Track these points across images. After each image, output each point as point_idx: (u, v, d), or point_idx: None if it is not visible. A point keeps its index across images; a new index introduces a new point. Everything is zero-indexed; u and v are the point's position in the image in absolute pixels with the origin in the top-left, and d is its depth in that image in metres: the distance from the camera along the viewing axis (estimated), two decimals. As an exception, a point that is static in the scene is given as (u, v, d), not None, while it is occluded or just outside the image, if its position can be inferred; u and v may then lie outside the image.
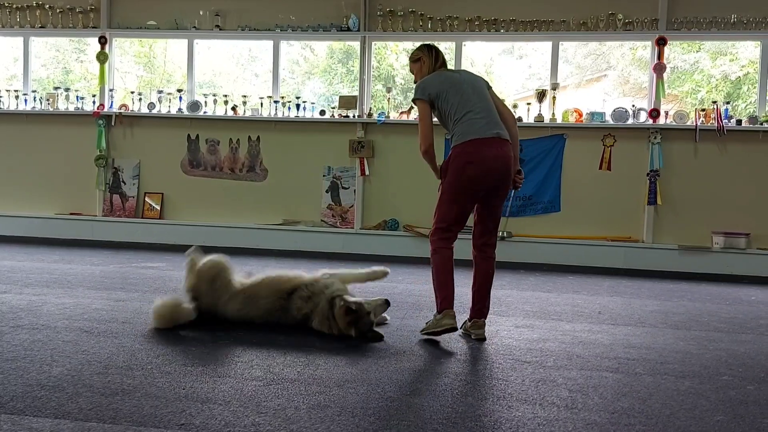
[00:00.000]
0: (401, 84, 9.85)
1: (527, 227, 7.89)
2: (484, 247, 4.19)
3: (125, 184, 8.70)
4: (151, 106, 8.64)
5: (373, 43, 8.41)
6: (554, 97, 7.90)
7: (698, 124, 7.61)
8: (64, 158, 8.77)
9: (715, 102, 7.78)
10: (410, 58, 4.48)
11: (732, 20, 7.55)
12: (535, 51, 9.09)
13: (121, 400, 2.74)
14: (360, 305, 3.93)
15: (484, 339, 4.07)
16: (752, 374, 3.47)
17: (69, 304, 4.65)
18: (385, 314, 4.32)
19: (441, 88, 4.15)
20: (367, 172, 8.19)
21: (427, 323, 4.15)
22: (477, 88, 4.21)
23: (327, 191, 8.34)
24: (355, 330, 3.91)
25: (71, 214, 8.69)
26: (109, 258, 7.21)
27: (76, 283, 5.56)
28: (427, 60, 4.35)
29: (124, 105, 8.73)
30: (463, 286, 4.22)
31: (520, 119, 7.89)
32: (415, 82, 4.41)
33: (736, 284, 7.00)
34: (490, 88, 4.31)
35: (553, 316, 4.85)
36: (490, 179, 4.01)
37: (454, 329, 3.98)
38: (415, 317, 4.61)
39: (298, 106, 8.36)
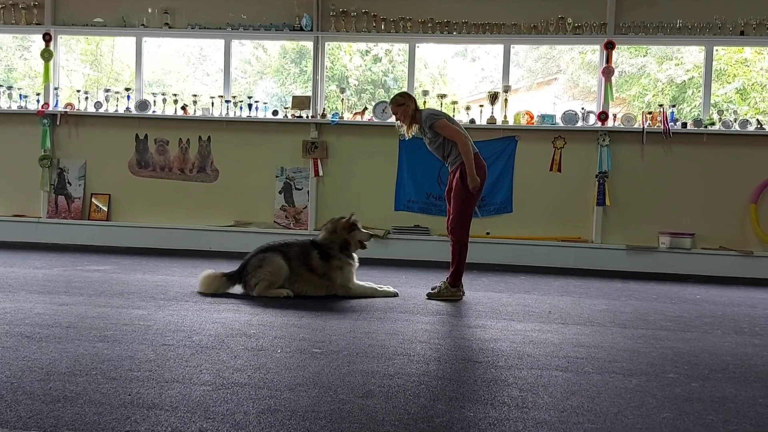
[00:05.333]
0: (355, 85, 9.84)
1: (479, 228, 7.93)
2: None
3: (71, 185, 8.47)
4: (98, 105, 8.43)
5: (326, 43, 8.35)
6: (506, 100, 7.98)
7: (645, 126, 7.78)
8: (7, 158, 8.51)
9: (661, 105, 7.96)
10: (394, 102, 5.66)
11: (678, 25, 7.74)
12: (488, 54, 9.19)
13: (63, 408, 2.65)
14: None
15: None
16: (697, 372, 3.55)
17: (10, 308, 4.50)
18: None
19: (449, 118, 5.60)
20: (320, 173, 8.14)
21: (437, 290, 5.59)
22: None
23: (280, 192, 8.25)
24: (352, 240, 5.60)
25: (14, 215, 8.43)
26: (53, 261, 7.01)
27: (17, 286, 5.38)
28: (411, 103, 5.62)
29: (69, 104, 8.50)
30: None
31: (473, 121, 7.97)
32: (400, 121, 5.68)
33: (682, 283, 7.17)
34: None
35: (505, 316, 4.89)
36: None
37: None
38: (368, 319, 4.59)
39: (250, 106, 8.26)
